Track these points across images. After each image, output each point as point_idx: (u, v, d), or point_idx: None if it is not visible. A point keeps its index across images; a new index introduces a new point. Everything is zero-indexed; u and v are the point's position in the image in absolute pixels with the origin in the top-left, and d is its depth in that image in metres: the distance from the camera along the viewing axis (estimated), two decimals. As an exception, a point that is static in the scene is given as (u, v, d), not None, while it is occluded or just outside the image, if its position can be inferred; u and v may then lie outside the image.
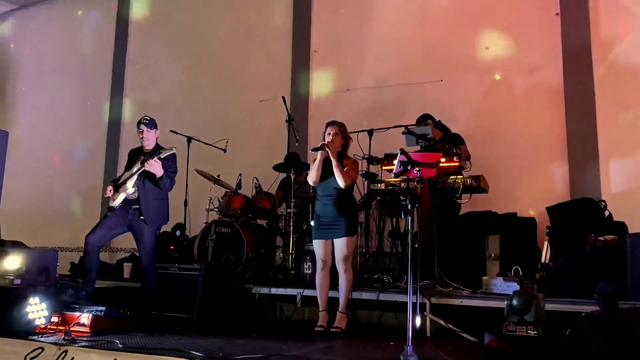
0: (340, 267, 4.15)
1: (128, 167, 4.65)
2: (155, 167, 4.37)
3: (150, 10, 8.66)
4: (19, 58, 9.72)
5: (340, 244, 4.13)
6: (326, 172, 4.24)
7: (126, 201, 4.47)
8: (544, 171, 5.87)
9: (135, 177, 4.44)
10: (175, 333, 3.92)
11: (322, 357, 3.24)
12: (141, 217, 4.44)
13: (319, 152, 4.19)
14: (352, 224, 4.22)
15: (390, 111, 6.51)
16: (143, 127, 4.56)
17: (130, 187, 4.44)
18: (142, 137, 4.59)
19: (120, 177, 4.63)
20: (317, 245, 4.25)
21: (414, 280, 3.29)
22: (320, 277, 4.24)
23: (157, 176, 4.41)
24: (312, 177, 4.24)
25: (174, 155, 4.53)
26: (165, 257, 5.62)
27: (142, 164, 4.42)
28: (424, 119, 5.30)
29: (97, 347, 3.17)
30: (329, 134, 4.25)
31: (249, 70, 7.63)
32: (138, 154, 4.65)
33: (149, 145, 4.62)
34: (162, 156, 4.40)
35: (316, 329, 4.13)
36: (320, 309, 4.24)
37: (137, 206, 4.46)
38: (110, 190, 4.51)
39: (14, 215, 7.74)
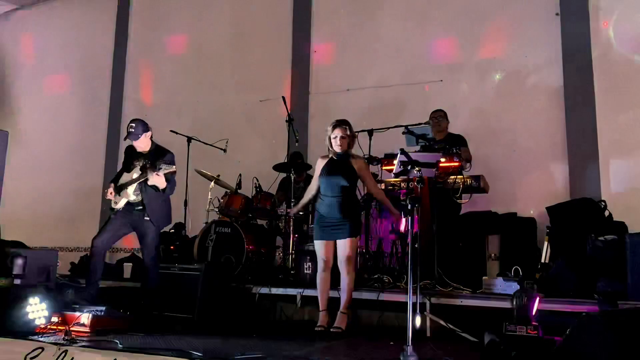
0: (343, 268, 4.14)
1: (126, 166, 4.62)
2: (158, 181, 4.34)
3: (150, 10, 8.66)
4: (19, 58, 9.72)
5: (344, 245, 4.11)
6: (333, 170, 4.20)
7: (129, 203, 4.48)
8: (544, 171, 5.87)
9: (135, 185, 4.43)
10: (175, 333, 3.92)
11: (322, 357, 3.24)
12: (146, 218, 4.45)
13: None
14: (356, 225, 4.20)
15: (390, 111, 6.51)
16: (129, 139, 4.48)
17: (132, 194, 4.44)
18: (134, 146, 4.56)
19: (119, 176, 4.62)
20: (319, 246, 4.22)
21: (414, 280, 3.29)
22: (321, 278, 4.22)
23: (160, 188, 4.40)
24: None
25: (173, 160, 4.51)
26: (165, 257, 5.62)
27: (143, 170, 4.40)
28: (437, 111, 5.38)
29: (97, 347, 3.16)
30: (335, 137, 4.18)
31: (249, 70, 7.63)
32: (136, 155, 4.60)
33: (144, 149, 4.58)
34: (160, 174, 4.32)
35: (316, 328, 4.12)
36: (320, 309, 4.22)
37: (141, 207, 4.47)
38: (111, 193, 4.50)
39: (14, 215, 7.75)
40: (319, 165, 4.30)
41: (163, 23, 8.47)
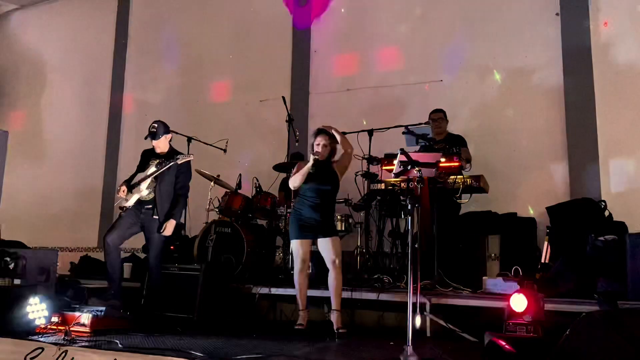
0: (332, 266, 4.18)
1: (141, 167, 4.67)
2: (170, 229, 4.53)
3: (150, 10, 8.66)
4: (20, 58, 9.72)
5: (329, 244, 4.18)
6: (319, 176, 4.27)
7: (139, 201, 4.52)
8: (544, 171, 5.87)
9: (149, 180, 4.48)
10: (175, 333, 3.92)
11: (322, 357, 3.24)
12: (155, 217, 4.48)
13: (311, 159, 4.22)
14: (334, 225, 4.41)
15: (390, 111, 6.51)
16: (149, 138, 4.61)
17: (144, 189, 4.50)
18: (154, 146, 4.66)
19: (132, 177, 4.66)
20: (298, 245, 4.26)
21: (414, 280, 3.29)
22: (300, 278, 4.27)
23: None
24: (296, 182, 4.25)
25: (189, 161, 4.61)
26: (165, 257, 5.62)
27: (158, 166, 4.50)
28: (437, 112, 5.36)
29: (97, 347, 3.17)
30: (318, 144, 4.29)
31: (249, 70, 7.63)
32: (152, 156, 4.69)
33: (162, 149, 4.67)
34: (179, 162, 4.50)
35: (296, 327, 4.17)
36: (300, 309, 4.29)
37: (150, 206, 4.50)
38: (123, 191, 4.54)
39: (14, 215, 7.75)
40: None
41: (163, 23, 8.47)
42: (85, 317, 3.73)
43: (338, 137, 4.31)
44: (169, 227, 4.52)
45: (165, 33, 8.39)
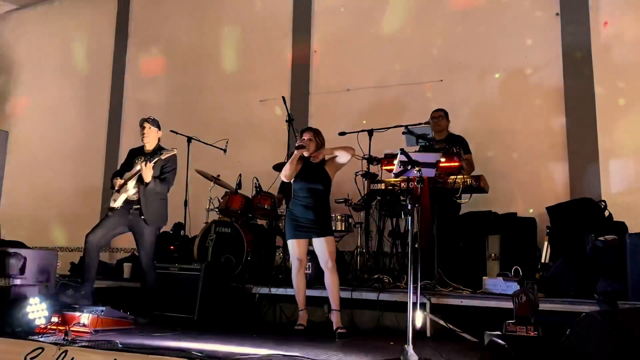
0: (327, 266, 4.19)
1: (127, 166, 4.65)
2: (146, 172, 4.39)
3: (150, 10, 8.65)
4: (19, 58, 9.72)
5: (323, 244, 4.18)
6: (311, 174, 4.28)
7: (127, 201, 4.49)
8: (544, 171, 5.87)
9: (135, 179, 4.46)
10: (175, 333, 3.92)
11: (322, 357, 3.24)
12: (142, 217, 4.46)
13: (296, 150, 4.27)
14: (328, 225, 4.35)
15: (390, 111, 6.51)
16: (146, 124, 4.60)
17: (131, 188, 4.46)
18: (144, 134, 4.61)
19: (119, 173, 4.64)
20: (294, 245, 4.29)
21: (414, 280, 3.29)
22: (297, 278, 4.30)
23: (145, 181, 4.41)
24: (286, 171, 4.28)
25: (174, 155, 4.57)
26: (165, 257, 5.62)
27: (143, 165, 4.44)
28: (438, 110, 5.38)
29: (97, 347, 3.17)
30: (303, 139, 4.32)
31: (249, 70, 7.62)
32: (138, 154, 4.66)
33: (150, 144, 4.64)
34: (163, 157, 4.45)
35: (296, 327, 4.19)
36: (300, 309, 4.31)
37: (138, 206, 4.48)
38: (119, 184, 4.51)
39: (14, 215, 7.75)
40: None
41: (163, 23, 8.47)
42: (85, 317, 3.73)
43: (335, 152, 4.31)
44: (147, 166, 4.38)
45: (165, 33, 8.39)
